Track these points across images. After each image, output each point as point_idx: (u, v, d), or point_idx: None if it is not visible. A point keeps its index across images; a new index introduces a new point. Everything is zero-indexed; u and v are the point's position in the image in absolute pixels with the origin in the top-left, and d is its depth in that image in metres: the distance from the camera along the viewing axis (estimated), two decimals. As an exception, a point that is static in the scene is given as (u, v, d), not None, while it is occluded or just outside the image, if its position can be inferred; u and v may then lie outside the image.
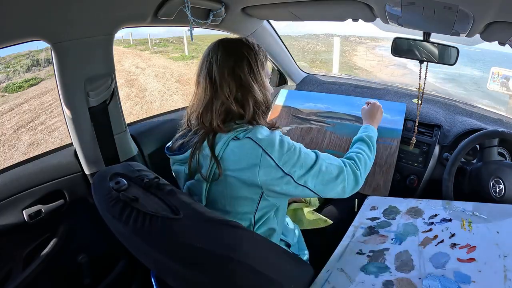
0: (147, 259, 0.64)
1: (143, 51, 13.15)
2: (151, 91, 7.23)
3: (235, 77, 0.72)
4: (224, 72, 0.72)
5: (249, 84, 0.73)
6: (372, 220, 0.87)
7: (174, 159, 0.82)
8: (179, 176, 0.82)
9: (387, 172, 1.16)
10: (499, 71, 2.79)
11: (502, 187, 0.95)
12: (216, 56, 0.73)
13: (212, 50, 0.75)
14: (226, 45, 0.75)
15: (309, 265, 0.72)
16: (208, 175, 0.69)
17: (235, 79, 0.72)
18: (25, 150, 4.64)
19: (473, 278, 0.60)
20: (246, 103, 0.73)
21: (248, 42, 0.76)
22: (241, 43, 0.75)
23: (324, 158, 0.75)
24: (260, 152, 0.66)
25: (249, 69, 0.73)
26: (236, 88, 0.72)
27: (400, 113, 1.26)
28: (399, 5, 0.79)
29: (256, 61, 0.75)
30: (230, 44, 0.75)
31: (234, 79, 0.72)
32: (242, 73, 0.72)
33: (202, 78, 0.74)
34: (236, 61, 0.72)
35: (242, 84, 0.72)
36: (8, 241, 0.90)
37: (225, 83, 0.71)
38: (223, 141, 0.69)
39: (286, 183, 0.68)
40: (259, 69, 0.75)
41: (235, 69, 0.72)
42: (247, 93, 0.73)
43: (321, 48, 13.55)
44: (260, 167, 0.66)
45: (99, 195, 0.66)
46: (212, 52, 0.74)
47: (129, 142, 1.11)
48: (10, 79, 7.90)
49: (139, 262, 0.65)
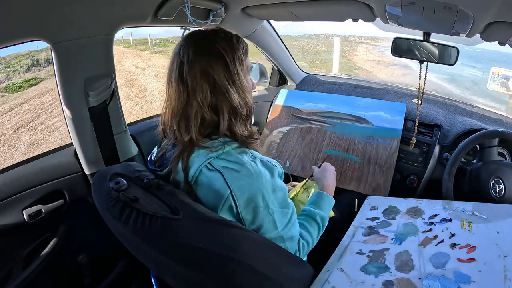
0: (147, 259, 0.64)
1: (143, 51, 13.15)
2: (151, 91, 7.23)
3: (209, 79, 0.63)
4: (196, 74, 0.63)
5: (224, 88, 0.64)
6: (372, 220, 0.87)
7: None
8: None
9: (387, 172, 1.17)
10: (499, 71, 2.79)
11: (502, 187, 0.95)
12: (187, 54, 0.64)
13: (183, 46, 0.66)
14: (198, 41, 0.66)
15: (309, 265, 0.72)
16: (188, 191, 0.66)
17: (208, 82, 0.63)
18: (25, 150, 4.64)
19: (473, 278, 0.60)
20: (220, 110, 0.64)
21: (223, 34, 0.67)
22: (214, 37, 0.66)
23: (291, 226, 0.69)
24: (227, 195, 0.62)
25: (225, 69, 0.64)
26: (209, 93, 0.63)
27: (400, 113, 1.26)
28: (399, 5, 0.79)
29: (234, 58, 0.65)
30: (203, 39, 0.66)
31: (208, 82, 0.63)
32: (216, 75, 0.63)
33: (174, 80, 0.65)
34: (209, 60, 0.63)
35: (216, 88, 0.64)
36: (8, 241, 0.90)
37: (198, 87, 0.63)
38: (197, 164, 0.63)
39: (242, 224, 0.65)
40: (236, 68, 0.65)
41: (208, 70, 0.63)
42: (222, 98, 0.64)
43: (321, 48, 13.55)
44: (223, 208, 0.63)
45: (99, 195, 0.66)
46: (183, 49, 0.65)
47: (129, 142, 1.11)
48: (10, 79, 7.90)
49: (139, 262, 0.65)
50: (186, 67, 0.63)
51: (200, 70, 0.63)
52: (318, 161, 1.27)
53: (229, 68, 0.65)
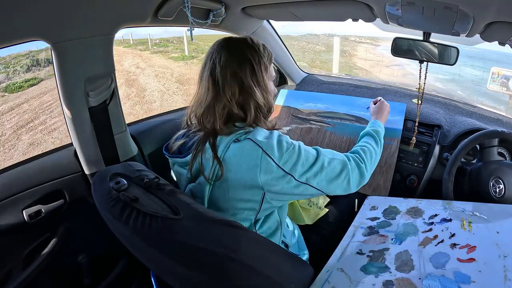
0: (147, 259, 0.64)
1: (143, 51, 13.16)
2: (151, 91, 7.23)
3: (237, 80, 0.71)
4: (227, 74, 0.71)
5: (250, 88, 0.72)
6: (372, 220, 0.87)
7: (175, 161, 0.81)
8: (180, 178, 0.82)
9: (387, 172, 1.17)
10: (499, 71, 2.79)
11: (502, 187, 0.95)
12: (219, 56, 0.72)
13: (216, 50, 0.74)
14: (230, 46, 0.74)
15: (309, 265, 0.72)
16: (211, 177, 0.69)
17: (237, 82, 0.71)
18: (25, 150, 4.64)
19: (473, 278, 0.60)
20: (247, 106, 0.72)
21: (253, 43, 0.75)
22: (245, 44, 0.74)
23: (326, 153, 0.74)
24: (260, 153, 0.66)
25: (252, 72, 0.72)
26: (238, 92, 0.71)
27: (400, 113, 1.26)
28: (399, 5, 0.79)
29: (260, 64, 0.74)
30: (234, 45, 0.74)
31: (237, 82, 0.71)
32: (244, 77, 0.71)
33: (205, 78, 0.73)
34: (240, 64, 0.71)
35: (244, 88, 0.71)
36: (8, 241, 0.90)
37: (227, 86, 0.71)
38: (224, 143, 0.69)
39: (287, 182, 0.68)
40: (262, 72, 0.74)
41: (238, 72, 0.71)
42: (248, 97, 0.72)
43: (321, 48, 13.55)
44: (261, 168, 0.66)
45: (99, 195, 0.66)
46: (216, 52, 0.73)
47: (129, 142, 1.11)
48: (10, 79, 7.90)
49: (139, 262, 0.65)
50: (218, 68, 0.71)
51: (230, 72, 0.71)
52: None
53: (256, 72, 0.73)
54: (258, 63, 0.73)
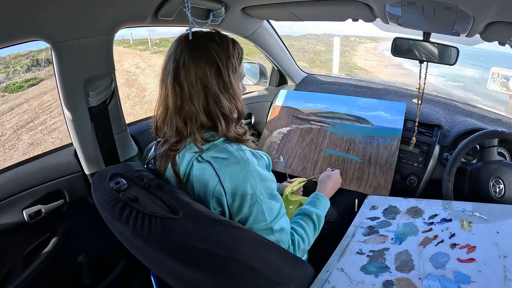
0: (147, 259, 0.64)
1: (143, 51, 13.16)
2: (151, 91, 7.22)
3: (203, 86, 0.66)
4: (192, 80, 0.65)
5: (216, 95, 0.66)
6: (372, 220, 0.87)
7: None
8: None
9: (387, 172, 1.17)
10: (499, 71, 2.79)
11: (502, 187, 0.95)
12: (183, 58, 0.66)
13: (179, 49, 0.67)
14: (194, 46, 0.67)
15: (309, 265, 0.72)
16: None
17: (203, 89, 0.66)
18: (25, 150, 4.64)
19: (473, 278, 0.60)
20: (215, 116, 0.67)
21: (219, 40, 0.68)
22: (210, 42, 0.67)
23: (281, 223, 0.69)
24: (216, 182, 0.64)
25: (219, 77, 0.67)
26: (204, 99, 0.66)
27: (400, 112, 1.26)
28: (399, 5, 0.79)
29: (227, 67, 0.67)
30: (199, 44, 0.67)
31: (203, 89, 0.66)
32: (209, 82, 0.66)
33: (170, 82, 0.67)
34: (204, 68, 0.65)
35: (210, 95, 0.66)
36: (8, 241, 0.90)
37: (194, 92, 0.66)
38: (186, 160, 0.66)
39: None
40: (229, 75, 0.68)
41: (203, 78, 0.65)
42: (215, 104, 0.67)
43: (321, 48, 13.56)
44: (213, 198, 0.65)
45: (99, 195, 0.66)
46: (179, 52, 0.67)
47: (129, 142, 1.11)
48: (10, 79, 7.90)
49: (139, 262, 0.65)
50: (182, 71, 0.66)
51: (195, 77, 0.65)
52: (318, 162, 1.27)
53: (223, 77, 0.67)
54: (225, 65, 0.67)
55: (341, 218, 1.08)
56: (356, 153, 1.24)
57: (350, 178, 1.21)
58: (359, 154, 1.24)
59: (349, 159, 1.24)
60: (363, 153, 1.23)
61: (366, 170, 1.20)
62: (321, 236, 1.02)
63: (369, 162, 1.21)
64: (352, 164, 1.23)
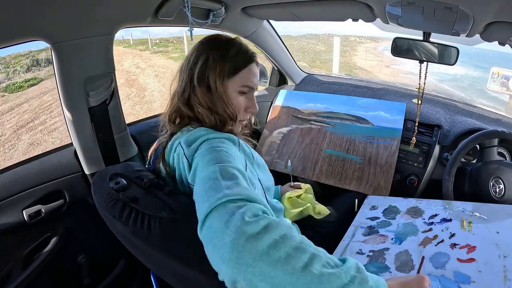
0: (147, 259, 0.64)
1: (143, 51, 13.15)
2: (151, 91, 7.22)
3: (206, 85, 0.69)
4: (201, 82, 0.69)
5: (219, 95, 0.69)
6: (372, 220, 0.87)
7: None
8: None
9: (387, 172, 1.17)
10: (499, 71, 2.79)
11: (502, 187, 0.95)
12: (200, 62, 0.69)
13: (196, 51, 0.71)
14: (212, 50, 0.70)
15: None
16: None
17: (205, 88, 0.69)
18: (25, 150, 4.64)
19: (473, 278, 0.60)
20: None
21: (236, 50, 0.71)
22: (227, 50, 0.70)
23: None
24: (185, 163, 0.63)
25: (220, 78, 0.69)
26: (206, 95, 0.69)
27: (400, 112, 1.26)
28: (399, 5, 0.79)
29: (220, 68, 0.69)
30: (217, 49, 0.70)
31: (205, 87, 0.69)
32: (211, 83, 0.68)
33: (182, 80, 0.71)
34: (213, 72, 0.68)
35: (212, 95, 0.69)
36: (8, 241, 0.90)
37: (198, 92, 0.69)
38: (172, 150, 0.68)
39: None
40: (223, 79, 0.69)
41: (209, 81, 0.69)
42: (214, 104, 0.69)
43: (321, 48, 13.56)
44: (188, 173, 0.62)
45: (99, 195, 0.66)
46: (195, 54, 0.71)
47: (129, 142, 1.11)
48: (10, 79, 7.90)
49: (139, 262, 0.65)
50: (196, 74, 0.69)
51: (205, 80, 0.68)
52: (318, 162, 1.27)
53: (209, 79, 0.69)
54: (219, 68, 0.68)
55: (341, 218, 1.07)
56: (356, 153, 1.24)
57: (350, 178, 1.21)
58: (359, 154, 1.24)
59: (349, 159, 1.24)
60: (363, 153, 1.23)
61: (366, 170, 1.20)
62: (321, 235, 1.02)
63: (369, 162, 1.21)
64: (352, 164, 1.23)
